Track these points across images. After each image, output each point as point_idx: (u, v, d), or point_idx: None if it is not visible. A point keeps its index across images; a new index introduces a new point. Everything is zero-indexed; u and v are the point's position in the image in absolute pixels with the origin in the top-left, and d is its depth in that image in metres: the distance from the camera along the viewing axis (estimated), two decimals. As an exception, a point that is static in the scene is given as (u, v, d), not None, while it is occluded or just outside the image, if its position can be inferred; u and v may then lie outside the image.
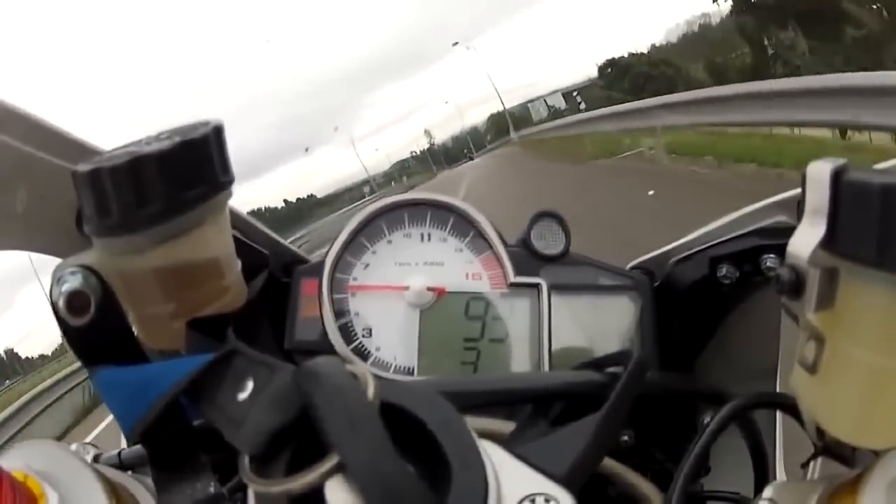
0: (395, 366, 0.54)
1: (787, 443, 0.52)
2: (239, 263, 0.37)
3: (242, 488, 0.29)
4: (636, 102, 8.96)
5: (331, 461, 0.22)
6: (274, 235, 0.54)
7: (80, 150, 0.33)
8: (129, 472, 0.39)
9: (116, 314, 0.31)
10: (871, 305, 0.25)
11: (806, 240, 0.26)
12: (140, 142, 0.30)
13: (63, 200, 0.30)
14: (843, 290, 0.26)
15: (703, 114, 6.25)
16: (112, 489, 0.27)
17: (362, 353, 0.54)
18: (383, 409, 0.23)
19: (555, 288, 0.55)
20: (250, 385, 0.25)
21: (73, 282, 0.30)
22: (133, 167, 0.28)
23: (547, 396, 0.34)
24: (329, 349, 0.53)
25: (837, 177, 0.25)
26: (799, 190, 0.27)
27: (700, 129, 7.34)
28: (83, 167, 0.28)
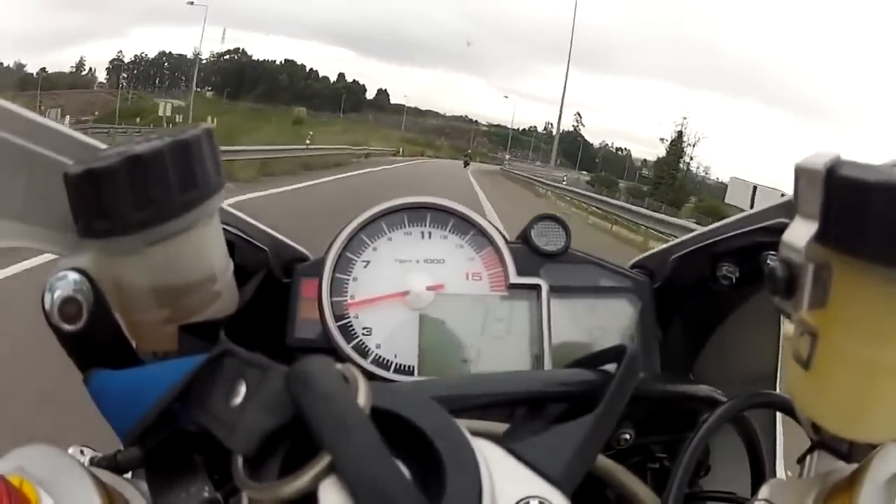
0: (395, 364, 0.54)
1: (788, 442, 0.52)
2: (231, 267, 0.37)
3: (237, 491, 0.29)
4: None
5: (323, 462, 0.22)
6: (273, 233, 0.54)
7: (80, 147, 0.33)
8: (128, 475, 0.39)
9: (109, 319, 0.31)
10: (864, 299, 0.25)
11: (800, 233, 0.26)
12: (131, 143, 0.30)
13: (62, 199, 0.30)
14: (836, 285, 0.26)
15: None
16: (107, 494, 0.27)
17: (362, 351, 0.54)
18: (375, 412, 0.23)
19: (554, 290, 0.55)
20: (243, 387, 0.25)
21: (64, 288, 0.30)
22: (125, 168, 0.28)
23: (541, 398, 0.34)
24: (329, 347, 0.53)
25: (831, 172, 0.24)
26: None
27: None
28: (74, 168, 0.28)
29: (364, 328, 0.54)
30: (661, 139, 42.98)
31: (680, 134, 43.40)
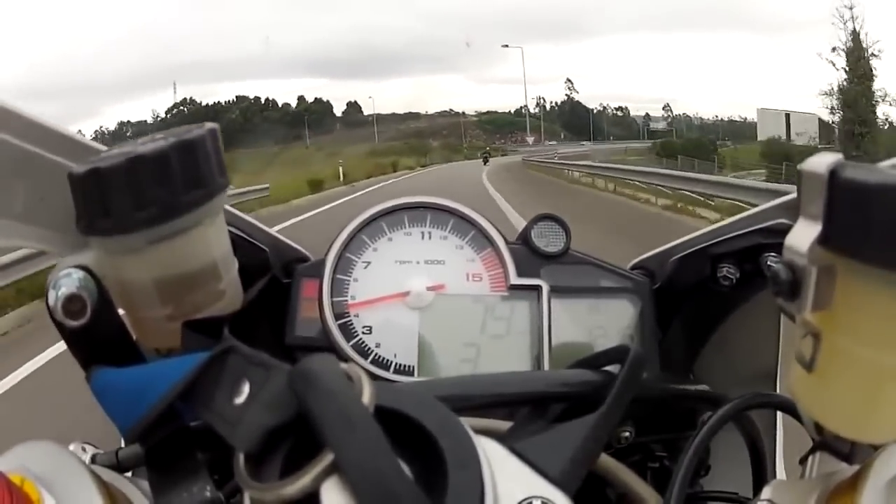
0: (395, 364, 0.54)
1: (788, 442, 0.52)
2: (236, 265, 0.37)
3: (239, 490, 0.29)
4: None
5: (325, 460, 0.22)
6: (274, 233, 0.54)
7: (81, 149, 0.33)
8: (128, 474, 0.39)
9: (112, 316, 0.31)
10: (868, 302, 0.25)
11: (803, 236, 0.26)
12: (136, 142, 0.30)
13: (63, 200, 0.30)
14: (840, 287, 0.26)
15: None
16: (108, 493, 0.27)
17: (362, 351, 0.54)
18: (378, 411, 0.23)
19: (555, 291, 0.55)
20: (246, 385, 0.25)
21: (68, 285, 0.30)
22: (129, 168, 0.28)
23: (544, 398, 0.34)
24: (329, 346, 0.53)
25: (834, 174, 0.25)
26: None
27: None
28: (79, 168, 0.28)
29: (364, 327, 0.55)
30: (834, 49, 23.16)
31: (856, 38, 22.98)
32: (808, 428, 0.32)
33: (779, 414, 0.52)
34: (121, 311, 0.33)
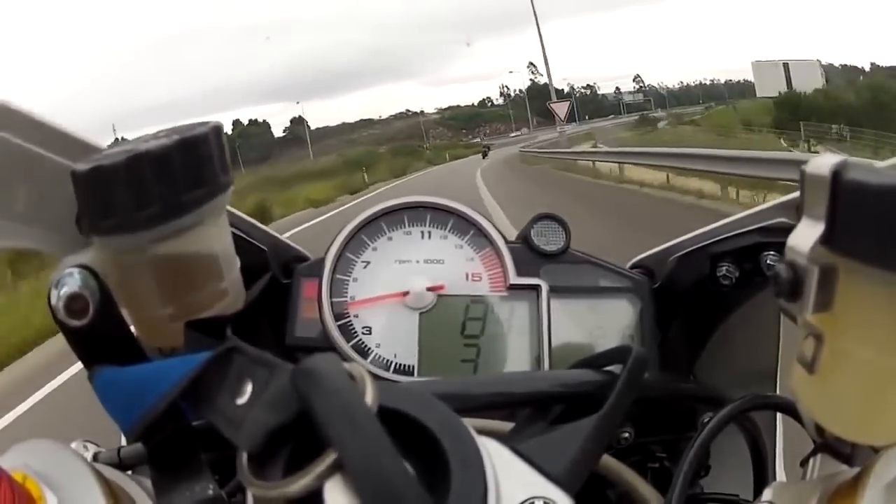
0: (395, 364, 0.54)
1: (788, 443, 0.52)
2: (238, 264, 0.37)
3: (241, 489, 0.29)
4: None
5: (328, 459, 0.22)
6: (273, 233, 0.54)
7: (82, 148, 0.33)
8: (129, 472, 0.39)
9: (115, 315, 0.31)
10: (870, 303, 0.25)
11: (806, 236, 0.26)
12: (138, 140, 0.30)
13: (63, 199, 0.30)
14: (841, 288, 0.26)
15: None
16: (111, 491, 0.27)
17: (362, 351, 0.54)
18: (381, 411, 0.23)
19: (554, 290, 0.55)
20: (249, 384, 0.25)
21: (70, 284, 0.30)
22: (131, 166, 0.28)
23: (546, 398, 0.34)
24: (329, 347, 0.53)
25: (837, 175, 0.25)
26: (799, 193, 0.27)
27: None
28: (81, 166, 0.28)
29: (364, 328, 0.55)
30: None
31: None
32: (808, 429, 0.32)
33: (779, 415, 0.53)
34: (123, 311, 0.32)
